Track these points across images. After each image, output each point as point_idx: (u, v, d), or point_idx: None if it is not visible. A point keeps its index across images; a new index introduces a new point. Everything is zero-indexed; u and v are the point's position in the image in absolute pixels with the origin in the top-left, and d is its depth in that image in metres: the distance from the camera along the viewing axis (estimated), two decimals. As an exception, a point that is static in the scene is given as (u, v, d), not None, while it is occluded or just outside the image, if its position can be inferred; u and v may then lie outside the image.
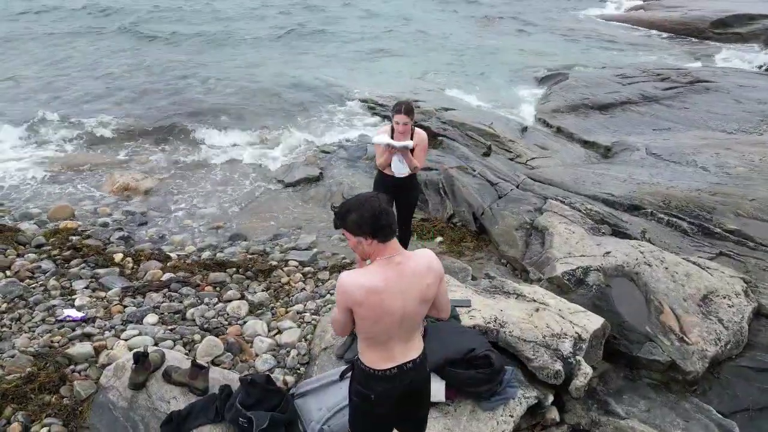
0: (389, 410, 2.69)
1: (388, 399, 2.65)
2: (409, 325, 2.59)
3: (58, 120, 10.39)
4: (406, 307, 2.48)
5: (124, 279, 5.52)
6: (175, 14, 21.69)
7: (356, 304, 2.41)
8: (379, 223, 2.36)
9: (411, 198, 5.42)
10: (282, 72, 13.94)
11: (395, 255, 2.44)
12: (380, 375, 2.58)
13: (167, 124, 10.32)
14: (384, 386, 2.60)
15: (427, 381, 2.81)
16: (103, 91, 12.38)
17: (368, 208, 2.36)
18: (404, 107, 4.93)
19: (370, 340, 2.56)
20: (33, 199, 7.70)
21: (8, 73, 13.44)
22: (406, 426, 2.92)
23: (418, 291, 2.50)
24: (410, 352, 2.64)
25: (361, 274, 2.45)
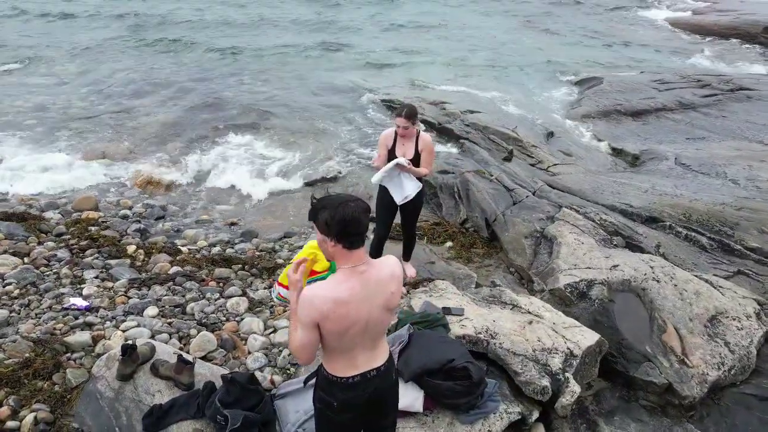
0: (352, 418, 2.66)
1: (351, 407, 2.61)
2: (374, 333, 2.55)
3: (92, 114, 10.80)
4: (371, 315, 2.45)
5: (134, 271, 5.66)
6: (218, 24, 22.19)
7: (323, 318, 2.34)
8: (346, 230, 2.32)
9: (416, 203, 5.36)
10: (312, 71, 14.05)
11: (359, 264, 2.40)
12: (343, 383, 2.54)
13: (197, 123, 10.55)
14: (346, 394, 2.57)
15: (392, 389, 2.75)
16: (143, 88, 12.77)
17: (340, 212, 2.31)
18: (405, 111, 4.88)
19: (334, 350, 2.53)
20: (61, 188, 7.99)
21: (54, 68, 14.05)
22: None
23: (382, 299, 2.47)
24: (375, 360, 2.60)
25: (324, 286, 2.39)
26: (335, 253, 2.40)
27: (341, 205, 2.33)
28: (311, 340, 2.39)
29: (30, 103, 11.66)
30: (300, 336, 2.38)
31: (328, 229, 2.34)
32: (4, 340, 4.30)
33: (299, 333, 2.38)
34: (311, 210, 2.44)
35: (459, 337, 4.03)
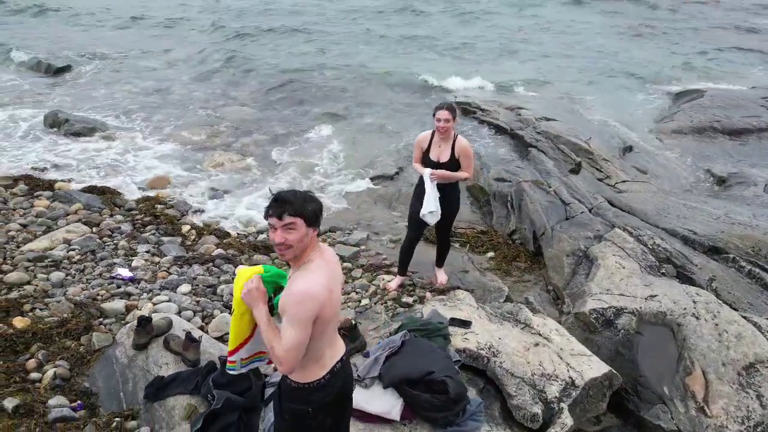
0: (325, 418, 2.61)
1: (325, 406, 2.57)
2: (336, 318, 2.55)
3: (187, 100, 11.64)
4: (338, 298, 2.51)
5: (182, 249, 6.05)
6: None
7: (322, 307, 2.32)
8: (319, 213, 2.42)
9: (452, 209, 5.26)
10: (393, 69, 14.15)
11: (321, 249, 2.48)
12: (315, 386, 2.50)
13: (278, 115, 11.04)
14: (319, 395, 2.52)
15: (353, 379, 2.78)
16: (234, 78, 13.58)
17: (319, 202, 2.41)
18: (446, 104, 4.81)
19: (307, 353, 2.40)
20: (143, 167, 8.70)
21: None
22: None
23: (340, 278, 2.57)
24: (337, 352, 2.59)
25: (316, 276, 2.35)
26: (310, 243, 2.39)
27: (313, 196, 2.41)
28: (308, 337, 2.31)
29: (137, 88, 12.81)
30: (296, 337, 2.27)
31: (317, 220, 2.38)
32: (51, 300, 4.79)
33: (294, 334, 2.27)
34: (293, 206, 2.32)
35: (459, 351, 3.92)
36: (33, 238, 5.98)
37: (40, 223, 6.33)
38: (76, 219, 6.49)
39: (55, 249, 5.74)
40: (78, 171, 8.32)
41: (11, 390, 3.62)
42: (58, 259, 5.53)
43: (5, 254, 5.52)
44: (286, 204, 2.34)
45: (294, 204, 2.33)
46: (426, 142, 5.01)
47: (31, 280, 5.10)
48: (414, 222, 5.31)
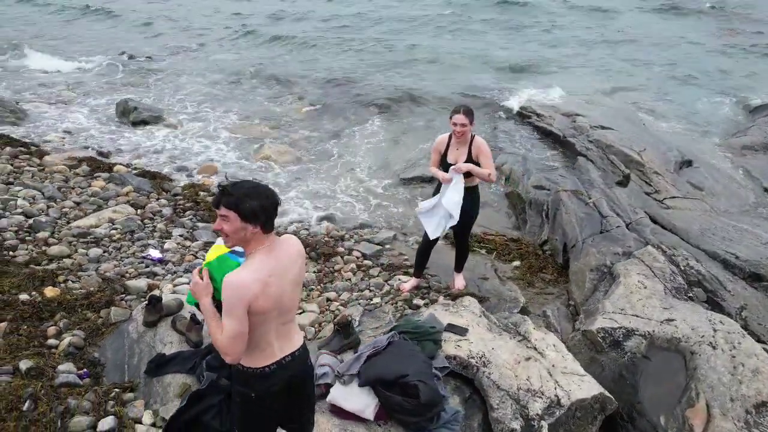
0: (270, 408, 2.70)
1: (269, 396, 2.65)
2: (286, 312, 2.59)
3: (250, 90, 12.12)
4: (284, 291, 2.51)
5: (214, 235, 6.31)
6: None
7: (254, 298, 2.37)
8: (272, 214, 2.43)
9: (471, 212, 5.16)
10: (457, 69, 14.04)
11: (271, 244, 2.48)
12: (259, 373, 2.58)
13: (333, 111, 11.27)
14: (263, 384, 2.61)
15: (309, 376, 2.79)
16: (298, 72, 13.99)
17: (270, 200, 2.42)
18: (463, 108, 4.74)
19: (250, 340, 2.49)
20: (197, 155, 9.15)
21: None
22: (292, 427, 2.95)
23: (293, 274, 2.54)
24: (289, 345, 2.64)
25: (248, 269, 2.43)
26: (253, 238, 2.44)
27: (266, 192, 2.44)
28: (244, 326, 2.36)
29: (207, 80, 13.49)
30: (232, 326, 2.34)
31: (257, 217, 2.39)
32: (84, 273, 5.15)
33: (230, 324, 2.34)
34: (225, 196, 2.41)
35: (450, 357, 3.87)
36: (83, 216, 6.45)
37: (92, 202, 6.82)
38: (125, 200, 6.93)
39: (100, 227, 6.17)
40: (137, 156, 8.88)
41: (28, 353, 3.94)
42: (100, 237, 5.94)
43: (54, 228, 5.99)
44: (224, 196, 2.43)
45: (231, 197, 2.39)
46: (443, 145, 4.96)
47: (71, 254, 5.52)
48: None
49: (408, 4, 24.76)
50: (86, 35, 18.78)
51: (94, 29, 19.90)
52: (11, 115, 10.35)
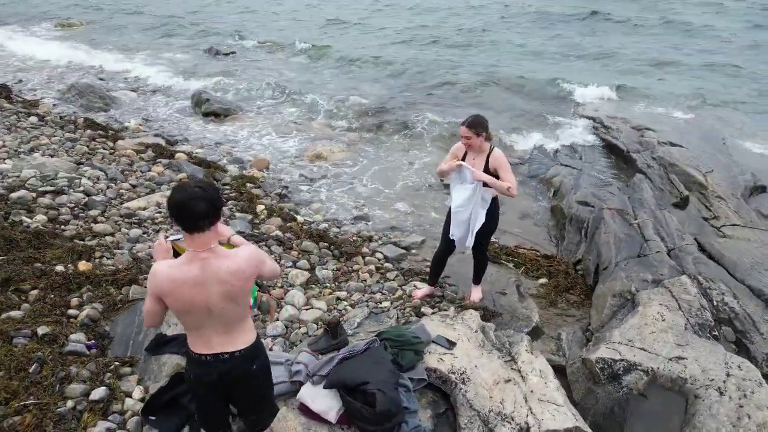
0: (206, 394, 2.84)
1: (203, 383, 2.79)
2: (223, 320, 2.65)
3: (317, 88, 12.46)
4: (210, 301, 2.57)
5: (248, 226, 6.56)
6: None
7: (163, 294, 2.52)
8: (180, 214, 2.46)
9: (488, 226, 4.98)
10: (532, 72, 13.63)
11: (202, 251, 2.52)
12: (196, 358, 2.73)
13: (394, 113, 11.34)
14: (198, 370, 2.76)
15: (250, 378, 2.84)
16: (366, 72, 14.19)
17: (180, 194, 2.45)
18: (469, 120, 4.60)
19: (186, 326, 2.70)
20: (254, 148, 9.55)
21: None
22: (248, 419, 3.05)
23: (221, 290, 2.55)
24: (230, 344, 2.72)
25: (169, 264, 2.57)
26: (182, 235, 2.56)
27: (183, 188, 2.48)
28: (155, 309, 2.58)
29: (284, 76, 14.00)
30: (147, 302, 2.58)
31: (169, 210, 2.51)
32: (118, 252, 5.55)
33: (146, 300, 2.58)
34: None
35: (431, 370, 3.80)
36: (135, 198, 6.95)
37: (147, 185, 7.32)
38: (171, 187, 7.37)
39: (147, 209, 6.61)
40: (200, 146, 9.41)
41: (48, 320, 4.32)
42: (143, 218, 6.37)
43: (106, 207, 6.49)
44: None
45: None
46: (461, 152, 4.84)
47: (113, 233, 5.96)
48: (445, 237, 5.18)
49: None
50: (177, 27, 20.10)
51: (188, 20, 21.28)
52: (100, 101, 11.33)
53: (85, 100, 11.14)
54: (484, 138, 4.62)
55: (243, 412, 3.01)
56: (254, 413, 3.01)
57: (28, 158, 7.70)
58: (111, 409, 3.71)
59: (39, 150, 8.15)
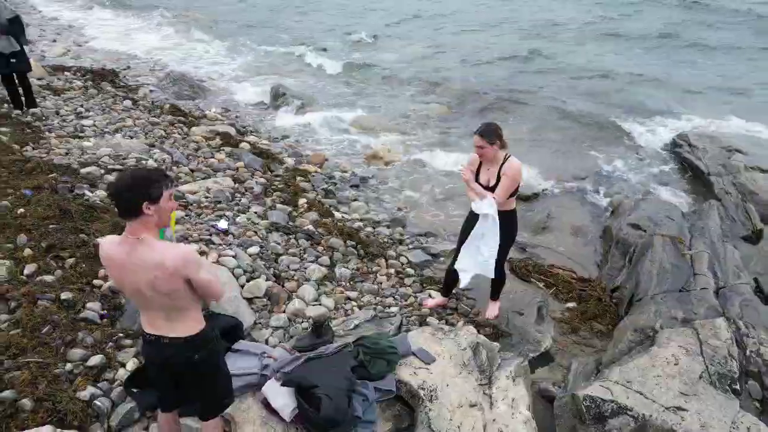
0: (155, 373, 3.02)
1: (150, 363, 2.99)
2: (159, 306, 2.74)
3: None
4: (139, 288, 2.66)
5: (285, 218, 6.73)
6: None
7: (105, 265, 2.76)
8: (113, 201, 2.66)
9: (505, 236, 4.75)
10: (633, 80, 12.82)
11: (131, 237, 2.59)
12: (144, 336, 2.89)
13: (465, 119, 11.15)
14: (146, 349, 2.94)
15: (192, 366, 2.92)
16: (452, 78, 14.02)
17: (115, 183, 2.61)
18: (481, 129, 4.41)
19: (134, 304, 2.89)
20: (316, 143, 9.79)
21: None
22: (194, 403, 3.16)
23: (146, 279, 2.62)
24: (171, 330, 2.82)
25: (110, 240, 2.71)
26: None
27: (123, 176, 2.60)
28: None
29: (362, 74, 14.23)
30: None
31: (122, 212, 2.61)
32: (156, 231, 5.92)
33: None
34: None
35: (401, 383, 3.72)
36: (190, 181, 7.39)
37: (204, 171, 7.76)
38: (231, 174, 7.75)
39: (196, 194, 7.00)
40: (267, 138, 9.81)
41: (73, 287, 4.71)
42: (190, 201, 6.75)
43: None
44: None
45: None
46: (476, 164, 4.65)
47: (160, 213, 6.37)
48: (460, 243, 5.02)
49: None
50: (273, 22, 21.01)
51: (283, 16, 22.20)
52: (190, 89, 12.15)
53: (177, 87, 12.00)
54: (497, 147, 4.42)
55: (190, 397, 3.11)
56: (200, 400, 3.10)
57: (109, 138, 8.45)
58: (103, 377, 3.98)
59: (121, 131, 8.91)
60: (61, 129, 8.60)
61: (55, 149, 7.74)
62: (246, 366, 3.77)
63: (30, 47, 14.77)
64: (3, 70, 8.70)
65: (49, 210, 5.89)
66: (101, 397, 3.80)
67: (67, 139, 8.20)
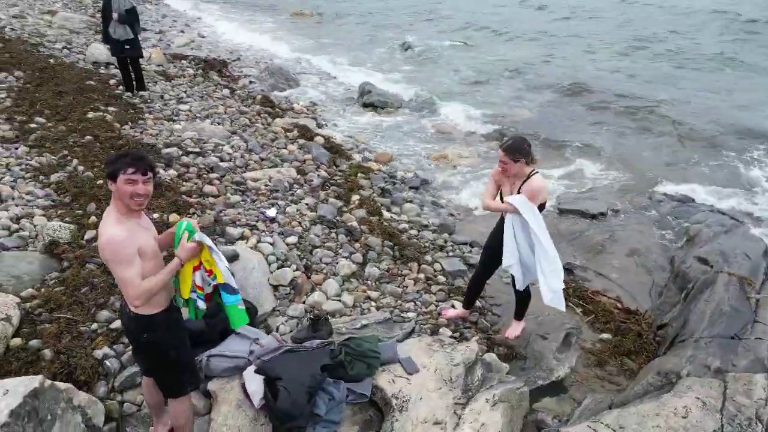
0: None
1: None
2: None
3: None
4: None
5: (333, 213, 6.86)
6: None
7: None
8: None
9: None
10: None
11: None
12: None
13: (557, 120, 10.65)
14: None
15: (138, 345, 3.16)
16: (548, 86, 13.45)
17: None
18: (508, 143, 4.21)
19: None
20: (385, 142, 9.88)
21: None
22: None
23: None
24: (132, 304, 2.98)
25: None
26: None
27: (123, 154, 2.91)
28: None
29: (460, 75, 14.08)
30: None
31: None
32: (209, 212, 6.32)
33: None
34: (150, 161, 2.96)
35: (377, 388, 3.69)
36: (258, 169, 7.79)
37: (272, 160, 8.14)
38: (296, 166, 8.06)
39: (258, 181, 7.36)
40: (342, 132, 10.06)
41: (119, 254, 5.18)
42: (250, 188, 7.13)
43: (226, 173, 7.40)
44: (146, 159, 2.90)
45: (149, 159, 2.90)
46: (502, 178, 4.45)
47: (218, 195, 6.80)
48: (484, 254, 4.85)
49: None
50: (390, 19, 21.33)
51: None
52: (285, 82, 12.78)
53: (274, 79, 12.66)
54: (521, 163, 4.20)
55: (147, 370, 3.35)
56: (155, 377, 3.32)
57: (198, 123, 9.14)
58: (121, 340, 4.35)
59: (211, 118, 9.60)
60: (159, 112, 9.45)
61: (149, 130, 8.54)
62: (238, 349, 3.94)
63: (160, 36, 16.41)
64: (118, 55, 9.74)
65: (121, 183, 6.54)
66: (112, 358, 4.16)
67: (162, 121, 9.00)
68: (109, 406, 3.84)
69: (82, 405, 3.55)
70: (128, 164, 2.81)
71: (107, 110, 9.01)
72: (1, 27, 13.65)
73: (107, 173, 2.83)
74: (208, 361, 3.92)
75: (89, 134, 7.88)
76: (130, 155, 2.88)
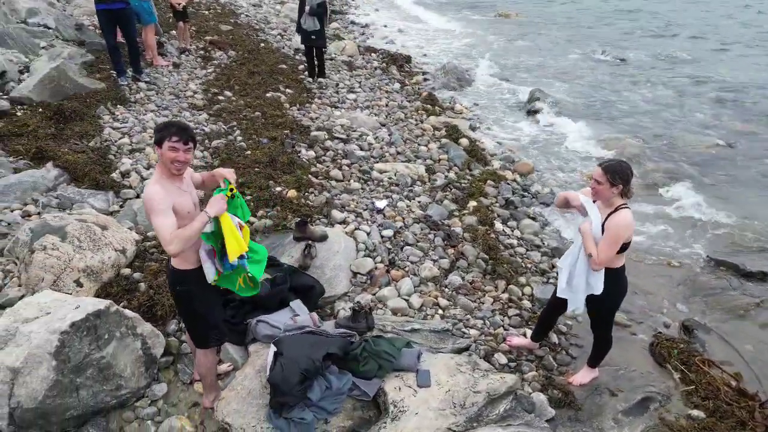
0: None
1: None
2: None
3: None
4: None
5: (442, 214, 6.71)
6: None
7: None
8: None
9: (602, 294, 3.96)
10: None
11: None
12: None
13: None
14: None
15: (169, 284, 3.49)
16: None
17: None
18: (609, 163, 3.74)
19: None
20: (533, 150, 9.39)
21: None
22: None
23: None
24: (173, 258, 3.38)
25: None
26: None
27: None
28: None
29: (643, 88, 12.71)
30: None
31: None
32: (325, 194, 6.70)
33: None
34: (192, 132, 3.29)
35: (382, 390, 3.65)
36: (390, 161, 8.03)
37: (407, 155, 8.31)
38: (428, 164, 8.11)
39: (384, 173, 7.58)
40: (494, 137, 9.82)
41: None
42: (374, 179, 7.38)
43: (357, 161, 7.76)
44: (189, 131, 3.25)
45: (191, 131, 3.24)
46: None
47: (341, 180, 7.19)
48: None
49: None
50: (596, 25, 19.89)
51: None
52: (456, 81, 12.85)
53: (447, 78, 12.80)
54: (616, 190, 3.70)
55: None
56: (185, 326, 3.70)
57: (356, 112, 9.72)
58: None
59: (371, 108, 10.11)
60: (328, 98, 10.26)
61: (311, 113, 9.35)
62: (277, 320, 4.21)
63: (357, 27, 17.69)
64: (305, 43, 10.80)
65: (263, 156, 7.32)
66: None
67: (325, 107, 9.78)
68: (170, 342, 4.40)
69: (144, 334, 4.12)
70: (173, 133, 3.14)
71: (285, 92, 10.08)
72: (239, 13, 16.06)
73: (155, 140, 3.21)
74: (256, 325, 4.28)
75: (259, 111, 8.92)
76: (176, 125, 3.18)
